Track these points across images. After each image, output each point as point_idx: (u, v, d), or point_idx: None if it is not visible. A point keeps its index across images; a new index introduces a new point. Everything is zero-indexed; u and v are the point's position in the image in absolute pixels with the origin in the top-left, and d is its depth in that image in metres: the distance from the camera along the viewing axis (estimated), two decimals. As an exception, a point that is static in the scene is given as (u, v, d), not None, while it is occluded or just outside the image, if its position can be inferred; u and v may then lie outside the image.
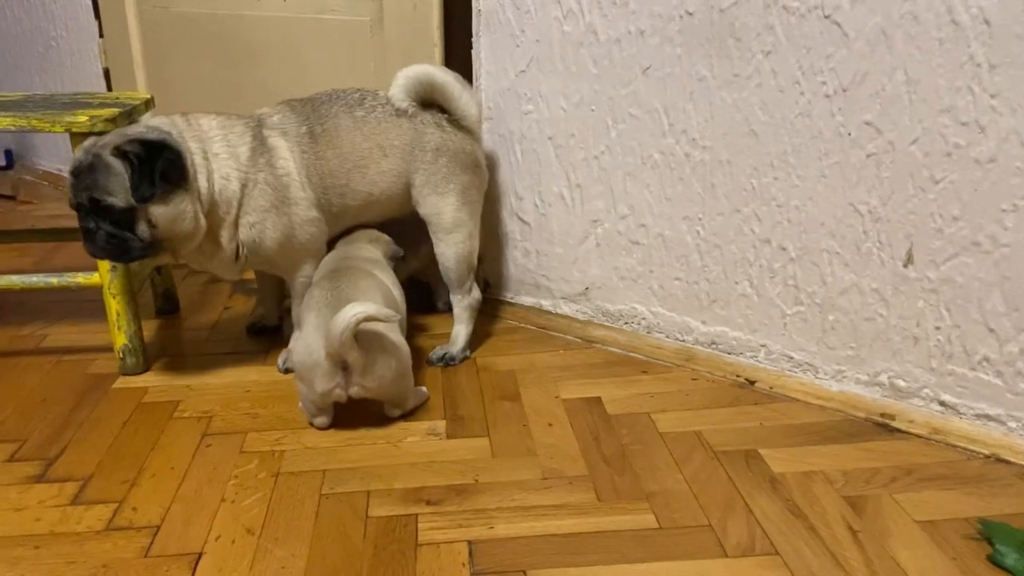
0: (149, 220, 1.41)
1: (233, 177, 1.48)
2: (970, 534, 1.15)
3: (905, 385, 1.46)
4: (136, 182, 1.37)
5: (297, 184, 1.54)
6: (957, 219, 1.34)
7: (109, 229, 1.40)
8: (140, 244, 1.42)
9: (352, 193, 1.61)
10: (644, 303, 1.76)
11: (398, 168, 1.63)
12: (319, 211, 1.57)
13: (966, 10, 1.25)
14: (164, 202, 1.41)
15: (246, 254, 1.54)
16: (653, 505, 1.24)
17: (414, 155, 1.63)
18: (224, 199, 1.48)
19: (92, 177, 1.38)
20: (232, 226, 1.50)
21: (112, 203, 1.38)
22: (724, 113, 1.53)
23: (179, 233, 1.44)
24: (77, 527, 1.20)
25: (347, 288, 1.41)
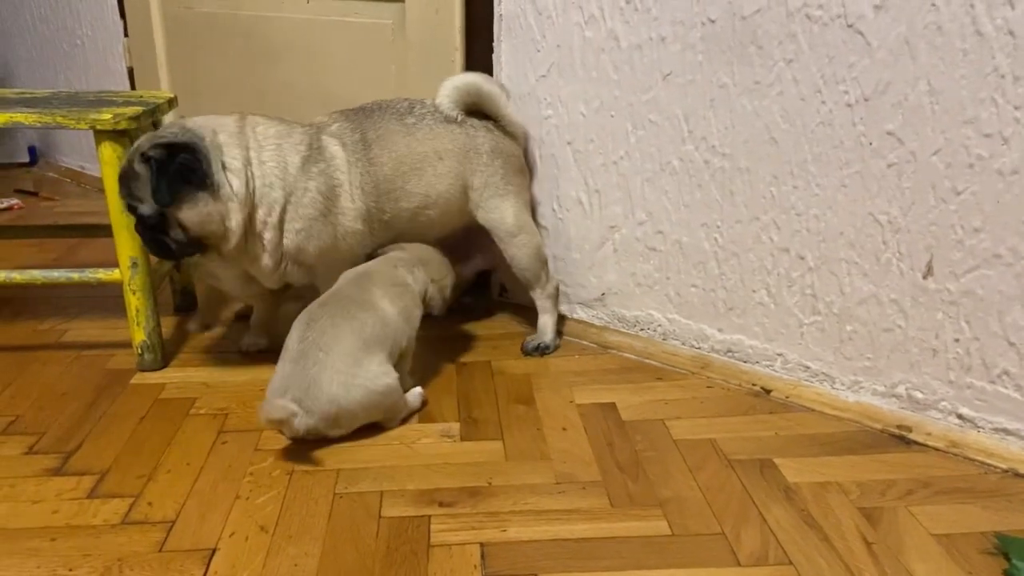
0: (180, 223, 1.44)
1: (277, 185, 1.49)
2: (986, 549, 1.14)
3: (923, 397, 1.45)
4: (155, 187, 1.40)
5: (347, 195, 1.55)
6: (978, 231, 1.33)
7: (148, 232, 1.48)
8: (178, 245, 1.48)
9: (407, 196, 1.61)
10: (660, 310, 1.76)
11: (455, 170, 1.65)
12: (364, 224, 1.59)
13: (991, 21, 1.24)
14: (191, 204, 1.43)
15: (288, 262, 1.55)
16: (666, 512, 1.23)
17: (469, 158, 1.66)
18: (265, 203, 1.48)
19: (126, 185, 1.45)
20: (276, 230, 1.51)
21: (142, 211, 1.45)
22: (744, 120, 1.53)
23: (210, 234, 1.47)
24: (93, 520, 1.21)
25: (314, 338, 1.38)
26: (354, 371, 1.37)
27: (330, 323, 1.40)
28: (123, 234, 1.60)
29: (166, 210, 1.43)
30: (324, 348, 1.37)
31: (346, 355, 1.38)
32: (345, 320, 1.41)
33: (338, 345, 1.38)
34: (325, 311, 1.43)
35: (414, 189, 1.62)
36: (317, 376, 1.35)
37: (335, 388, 1.35)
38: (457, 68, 1.88)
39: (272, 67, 2.30)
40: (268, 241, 1.51)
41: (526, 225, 1.74)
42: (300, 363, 1.36)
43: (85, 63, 3.08)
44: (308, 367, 1.35)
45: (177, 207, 1.43)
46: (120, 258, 1.62)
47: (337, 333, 1.39)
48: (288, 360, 1.39)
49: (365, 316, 1.43)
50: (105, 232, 1.91)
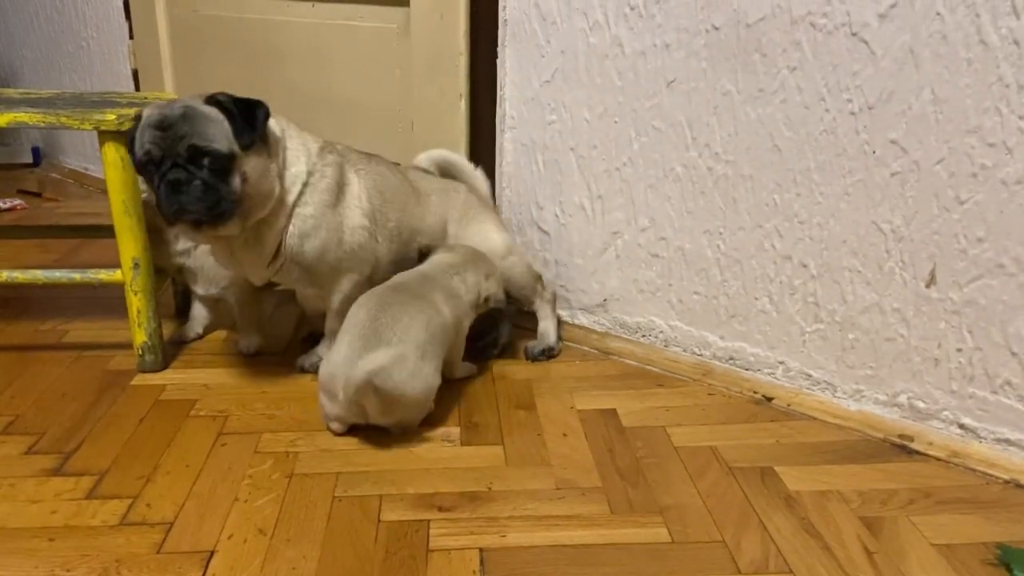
0: (244, 172, 1.40)
1: (302, 159, 1.51)
2: (988, 559, 1.14)
3: (925, 407, 1.45)
4: (239, 128, 1.38)
5: (355, 193, 1.58)
6: (982, 240, 1.32)
7: (207, 178, 1.37)
8: (231, 198, 1.39)
9: (408, 215, 1.68)
10: (662, 316, 1.75)
11: (439, 207, 1.76)
12: (370, 222, 1.59)
13: (995, 30, 1.24)
14: (257, 155, 1.42)
15: (284, 259, 1.52)
16: (666, 519, 1.23)
17: (448, 196, 1.78)
18: (289, 176, 1.49)
19: (189, 126, 1.36)
20: (287, 216, 1.49)
21: (216, 149, 1.36)
22: (748, 128, 1.53)
23: (262, 192, 1.44)
24: (91, 521, 1.21)
25: (387, 322, 1.39)
26: (420, 364, 1.39)
27: (404, 310, 1.42)
28: (125, 235, 1.60)
29: (237, 156, 1.38)
30: (399, 333, 1.38)
31: (416, 346, 1.39)
32: (419, 312, 1.43)
33: (411, 334, 1.39)
34: (398, 298, 1.44)
35: (412, 213, 1.69)
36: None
37: (404, 375, 1.36)
38: (461, 73, 1.89)
39: (277, 70, 2.31)
40: (279, 221, 1.49)
41: (513, 246, 1.80)
42: (372, 340, 1.36)
43: (90, 65, 3.09)
44: (380, 346, 1.36)
45: (247, 156, 1.40)
46: (122, 259, 1.62)
47: (411, 323, 1.40)
48: (358, 336, 1.38)
49: (433, 314, 1.46)
50: (107, 233, 1.90)
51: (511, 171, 1.89)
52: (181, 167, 1.36)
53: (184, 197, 1.36)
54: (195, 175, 1.36)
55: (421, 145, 2.02)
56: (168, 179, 1.36)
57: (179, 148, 1.36)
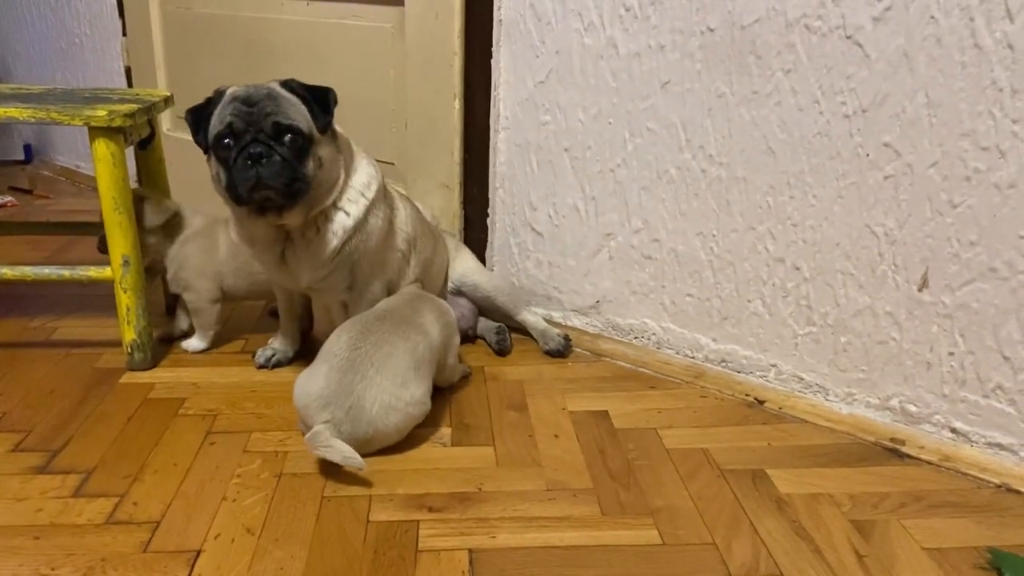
0: (320, 157, 1.43)
1: (372, 169, 1.56)
2: (979, 563, 1.13)
3: (916, 410, 1.45)
4: (315, 112, 1.42)
5: (402, 217, 1.64)
6: (974, 244, 1.32)
7: (286, 155, 1.39)
8: (306, 179, 1.41)
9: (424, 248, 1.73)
10: (655, 318, 1.75)
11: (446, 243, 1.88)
12: (408, 247, 1.66)
13: (990, 34, 1.24)
14: (329, 143, 1.46)
15: (350, 248, 1.52)
16: (657, 521, 1.22)
17: (444, 236, 1.90)
18: (361, 180, 1.53)
19: (274, 104, 1.39)
20: (361, 216, 1.51)
21: (299, 127, 1.39)
22: (742, 130, 1.53)
23: (331, 180, 1.47)
24: (77, 519, 1.20)
25: (367, 351, 1.37)
26: (399, 393, 1.36)
27: (385, 339, 1.39)
28: (115, 231, 1.59)
29: (316, 140, 1.42)
30: (376, 364, 1.36)
31: (395, 375, 1.37)
32: (401, 339, 1.41)
33: (389, 363, 1.37)
34: (382, 326, 1.42)
35: (438, 249, 1.79)
36: (362, 394, 1.33)
37: (376, 410, 1.34)
38: (456, 72, 1.88)
39: (271, 69, 2.30)
40: (344, 223, 1.50)
41: (481, 266, 1.94)
42: (348, 375, 1.34)
43: (83, 62, 3.07)
44: (355, 382, 1.33)
45: (322, 141, 1.43)
46: (112, 255, 1.61)
47: (391, 351, 1.38)
48: (335, 368, 1.35)
49: (419, 339, 1.44)
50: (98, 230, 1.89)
51: (505, 171, 1.89)
52: (262, 143, 1.38)
53: (264, 170, 1.38)
54: (275, 151, 1.38)
55: (415, 145, 2.01)
56: (249, 152, 1.38)
57: (264, 123, 1.39)
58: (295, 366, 1.71)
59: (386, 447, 1.39)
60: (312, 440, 1.30)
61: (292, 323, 1.74)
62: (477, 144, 1.93)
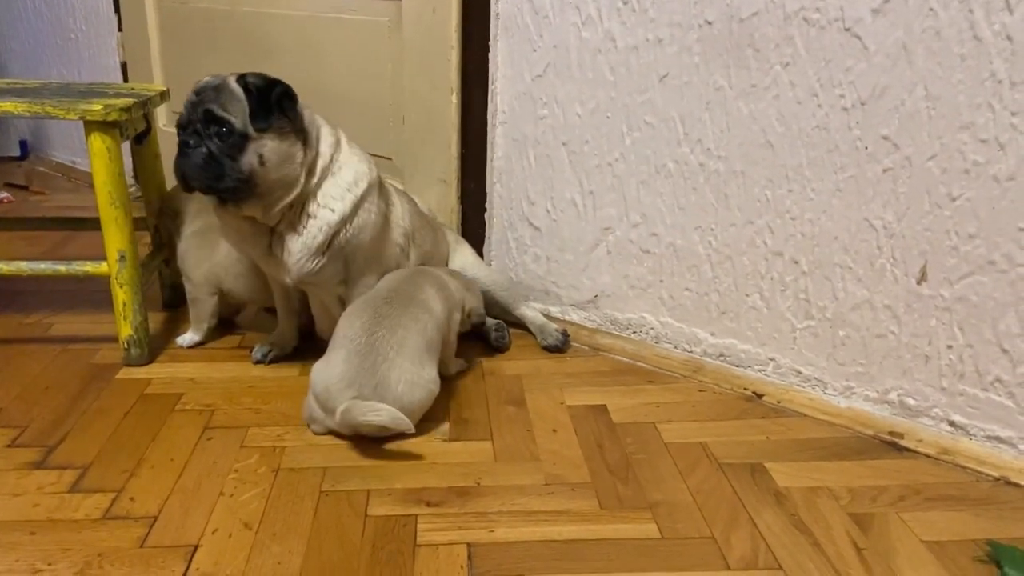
0: (260, 154, 1.39)
1: (364, 165, 1.54)
2: (978, 556, 1.13)
3: (915, 404, 1.44)
4: (254, 109, 1.38)
5: (399, 212, 1.64)
6: (973, 237, 1.32)
7: (213, 149, 1.37)
8: (237, 175, 1.38)
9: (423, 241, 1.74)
10: (653, 313, 1.75)
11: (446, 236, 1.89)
12: (407, 241, 1.66)
13: (989, 26, 1.24)
14: (279, 138, 1.41)
15: (340, 243, 1.50)
16: (656, 515, 1.22)
17: (443, 229, 1.90)
18: (353, 175, 1.51)
19: (215, 94, 1.39)
20: (351, 211, 1.50)
21: (228, 119, 1.37)
22: (740, 124, 1.52)
23: (283, 177, 1.43)
24: (74, 515, 1.19)
25: (383, 335, 1.38)
26: (420, 372, 1.39)
27: (399, 322, 1.41)
28: (111, 227, 1.58)
29: (252, 137, 1.38)
30: (395, 347, 1.38)
31: (413, 356, 1.39)
32: (412, 321, 1.43)
33: (407, 345, 1.39)
34: (391, 309, 1.43)
35: (438, 243, 1.81)
36: (387, 374, 1.35)
37: (402, 388, 1.36)
38: (453, 66, 1.87)
39: (267, 63, 2.28)
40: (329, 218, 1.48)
41: (480, 259, 1.94)
42: (369, 358, 1.36)
43: (78, 57, 3.06)
44: (378, 364, 1.35)
45: (264, 138, 1.39)
46: (108, 251, 1.60)
47: (406, 334, 1.40)
48: (354, 352, 1.37)
49: (427, 318, 1.46)
50: (94, 226, 1.88)
51: (502, 166, 1.88)
52: (196, 133, 1.38)
53: (186, 161, 1.38)
54: (203, 143, 1.37)
55: (413, 140, 2.01)
56: (179, 141, 1.38)
57: (197, 113, 1.38)
58: (292, 362, 1.70)
59: (383, 439, 1.39)
60: (352, 412, 1.31)
61: (290, 319, 1.73)
62: (474, 139, 1.92)
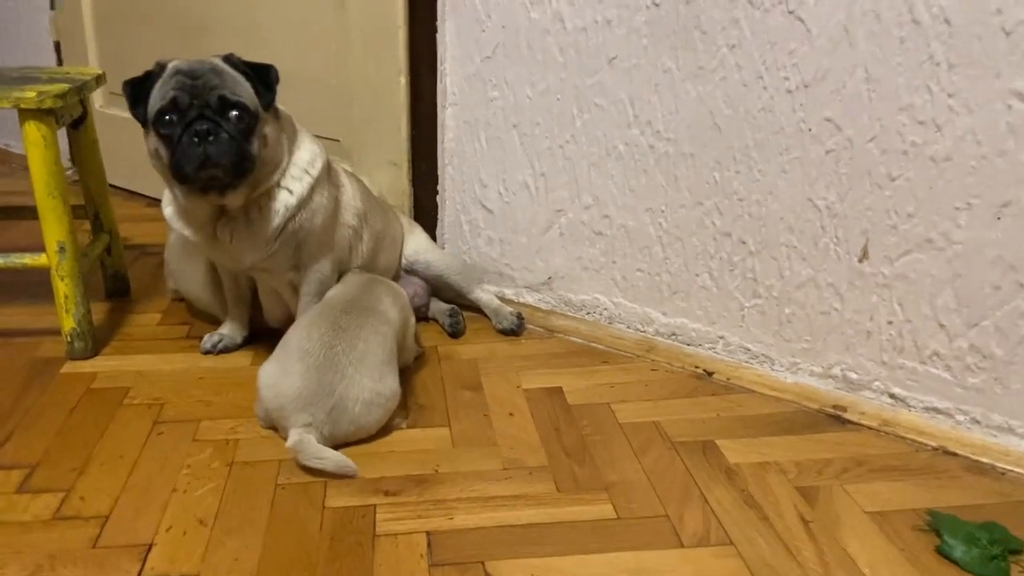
0: (264, 135, 1.40)
1: (316, 147, 1.54)
2: (918, 525, 1.18)
3: (857, 378, 1.49)
4: (259, 90, 1.39)
5: (349, 193, 1.63)
6: (912, 216, 1.36)
7: (233, 132, 1.35)
8: (252, 157, 1.38)
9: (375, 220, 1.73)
10: (606, 294, 1.76)
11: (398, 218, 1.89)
12: (360, 222, 1.65)
13: (927, 9, 1.27)
14: (272, 121, 1.43)
15: (294, 228, 1.48)
16: (611, 496, 1.24)
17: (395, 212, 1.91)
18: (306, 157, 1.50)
19: (219, 79, 1.36)
20: (306, 194, 1.48)
21: (243, 102, 1.36)
22: (688, 106, 1.54)
23: (275, 159, 1.44)
24: (23, 516, 1.17)
25: (343, 348, 1.34)
26: (379, 389, 1.35)
27: (358, 335, 1.37)
28: (49, 217, 1.54)
29: (260, 116, 1.39)
30: (354, 362, 1.33)
31: (373, 370, 1.35)
32: (372, 333, 1.39)
33: (367, 360, 1.35)
34: (350, 320, 1.39)
35: (390, 222, 1.80)
36: (344, 395, 1.31)
37: (358, 409, 1.32)
38: (401, 47, 1.85)
39: (208, 42, 2.23)
40: (287, 201, 1.47)
41: (432, 242, 1.94)
42: (327, 375, 1.31)
43: (7, 36, 2.94)
44: (336, 382, 1.31)
45: (265, 118, 1.41)
46: (47, 242, 1.55)
47: (366, 348, 1.36)
48: (312, 367, 1.31)
49: (386, 329, 1.43)
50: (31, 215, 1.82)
51: (454, 148, 1.87)
52: (208, 119, 1.34)
53: (212, 148, 1.34)
54: (222, 127, 1.34)
55: (361, 121, 1.98)
56: (195, 128, 1.33)
57: (209, 98, 1.34)
58: (243, 352, 1.68)
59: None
60: (301, 452, 1.27)
61: (240, 307, 1.71)
62: (425, 120, 1.90)
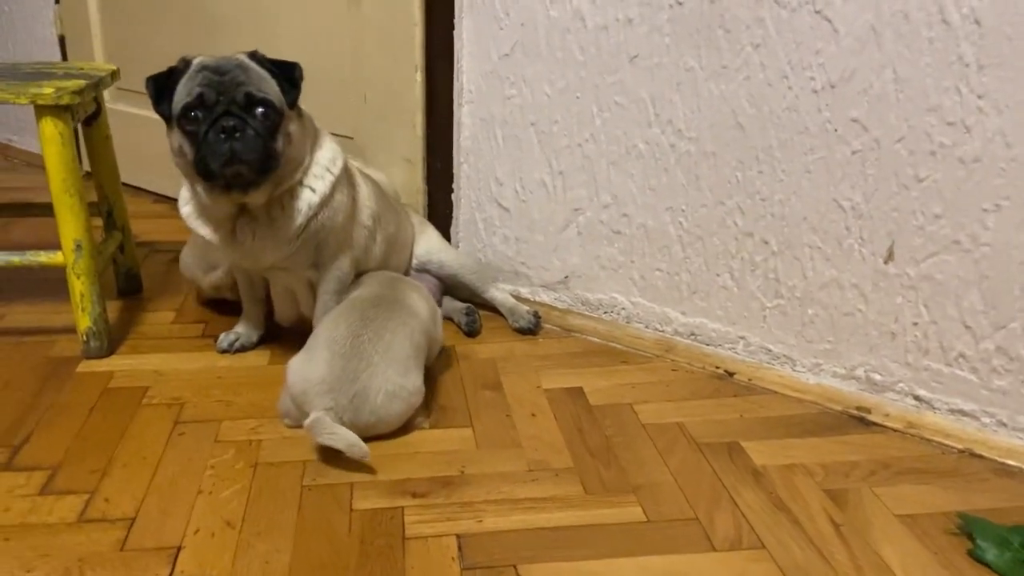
0: (289, 133, 1.40)
1: (336, 148, 1.53)
2: (949, 529, 1.18)
3: (881, 379, 1.49)
4: (284, 87, 1.39)
5: (364, 194, 1.62)
6: (939, 217, 1.35)
7: (259, 129, 1.34)
8: (276, 155, 1.38)
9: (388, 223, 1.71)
10: (624, 293, 1.76)
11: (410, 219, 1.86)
12: (374, 223, 1.63)
13: (957, 10, 1.26)
14: (296, 119, 1.43)
15: (316, 226, 1.47)
16: (640, 498, 1.23)
17: (408, 212, 1.89)
18: (326, 157, 1.50)
19: (246, 74, 1.36)
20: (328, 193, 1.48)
21: (270, 99, 1.36)
22: (711, 105, 1.53)
23: (298, 157, 1.44)
24: (48, 518, 1.16)
25: (370, 338, 1.34)
26: (402, 382, 1.34)
27: (385, 326, 1.37)
28: (66, 215, 1.52)
29: (285, 113, 1.39)
30: (380, 352, 1.33)
31: (398, 363, 1.35)
32: (400, 325, 1.39)
33: (392, 351, 1.35)
34: (378, 312, 1.40)
35: (403, 225, 1.78)
36: (367, 384, 1.30)
37: (380, 399, 1.31)
38: (417, 44, 1.84)
39: (216, 39, 2.21)
40: (310, 199, 1.46)
41: (446, 242, 1.92)
42: (352, 362, 1.31)
43: (11, 29, 2.91)
44: (360, 369, 1.30)
45: (290, 116, 1.40)
46: (63, 240, 1.54)
47: (392, 340, 1.36)
48: (338, 355, 1.32)
49: (414, 323, 1.42)
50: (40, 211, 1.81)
51: (469, 146, 1.86)
52: (235, 115, 1.33)
53: (239, 144, 1.33)
54: (249, 124, 1.34)
55: (375, 118, 1.97)
56: (222, 124, 1.33)
57: (236, 94, 1.34)
58: (260, 351, 1.67)
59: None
60: (315, 427, 1.26)
61: (255, 306, 1.69)
62: (440, 118, 1.89)
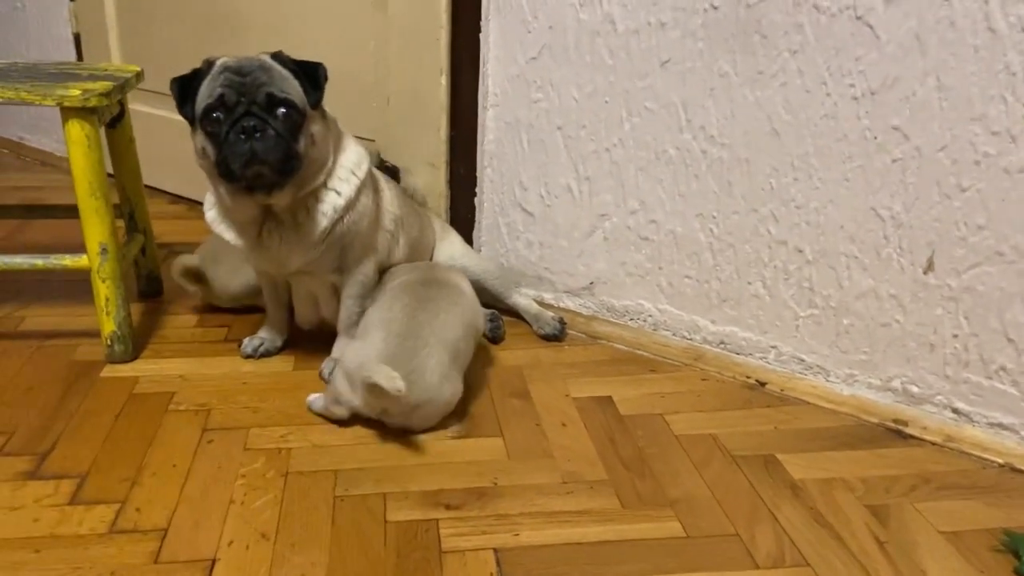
0: (312, 134, 1.38)
1: (361, 152, 1.52)
2: (994, 546, 1.15)
3: (918, 391, 1.46)
4: (307, 87, 1.38)
5: (388, 198, 1.61)
6: (982, 228, 1.33)
7: (280, 130, 1.33)
8: (298, 156, 1.36)
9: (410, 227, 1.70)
10: (651, 300, 1.73)
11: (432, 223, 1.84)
12: (396, 227, 1.63)
13: (1004, 18, 1.24)
14: (320, 120, 1.41)
15: (341, 229, 1.46)
16: (677, 512, 1.21)
17: (430, 216, 1.86)
18: (351, 160, 1.49)
19: (267, 76, 1.35)
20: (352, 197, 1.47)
21: (292, 100, 1.35)
22: (745, 111, 1.51)
23: (321, 158, 1.42)
24: (79, 529, 1.14)
25: (426, 319, 1.35)
26: (452, 371, 1.36)
27: (440, 306, 1.39)
28: (92, 218, 1.50)
29: (307, 114, 1.37)
30: (436, 332, 1.34)
31: (451, 345, 1.36)
32: (453, 305, 1.41)
33: (447, 333, 1.36)
34: (432, 292, 1.41)
35: (424, 229, 1.76)
36: (424, 361, 1.31)
37: (435, 379, 1.32)
38: (443, 47, 1.81)
39: (236, 39, 2.19)
40: (335, 203, 1.44)
41: (470, 248, 1.90)
42: (409, 340, 1.32)
43: (26, 28, 2.89)
44: (418, 347, 1.32)
45: (313, 117, 1.39)
46: (88, 243, 1.52)
47: (447, 320, 1.38)
48: (394, 333, 1.33)
49: (465, 303, 1.44)
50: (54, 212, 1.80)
51: (494, 150, 1.84)
52: (256, 116, 1.32)
53: (259, 144, 1.32)
54: (269, 124, 1.33)
55: (398, 121, 1.94)
56: (242, 125, 1.32)
57: (257, 95, 1.33)
58: (284, 356, 1.65)
59: (393, 435, 1.35)
60: (362, 369, 1.26)
61: (279, 311, 1.67)
62: (464, 121, 1.87)
